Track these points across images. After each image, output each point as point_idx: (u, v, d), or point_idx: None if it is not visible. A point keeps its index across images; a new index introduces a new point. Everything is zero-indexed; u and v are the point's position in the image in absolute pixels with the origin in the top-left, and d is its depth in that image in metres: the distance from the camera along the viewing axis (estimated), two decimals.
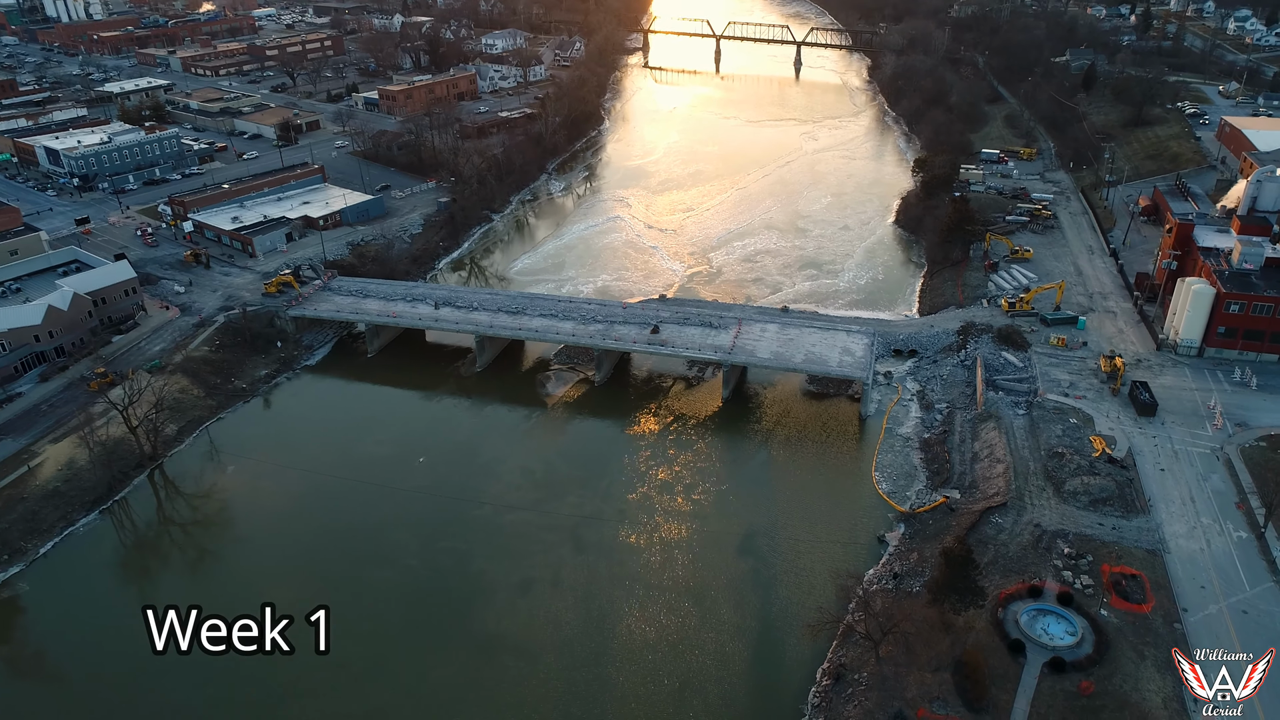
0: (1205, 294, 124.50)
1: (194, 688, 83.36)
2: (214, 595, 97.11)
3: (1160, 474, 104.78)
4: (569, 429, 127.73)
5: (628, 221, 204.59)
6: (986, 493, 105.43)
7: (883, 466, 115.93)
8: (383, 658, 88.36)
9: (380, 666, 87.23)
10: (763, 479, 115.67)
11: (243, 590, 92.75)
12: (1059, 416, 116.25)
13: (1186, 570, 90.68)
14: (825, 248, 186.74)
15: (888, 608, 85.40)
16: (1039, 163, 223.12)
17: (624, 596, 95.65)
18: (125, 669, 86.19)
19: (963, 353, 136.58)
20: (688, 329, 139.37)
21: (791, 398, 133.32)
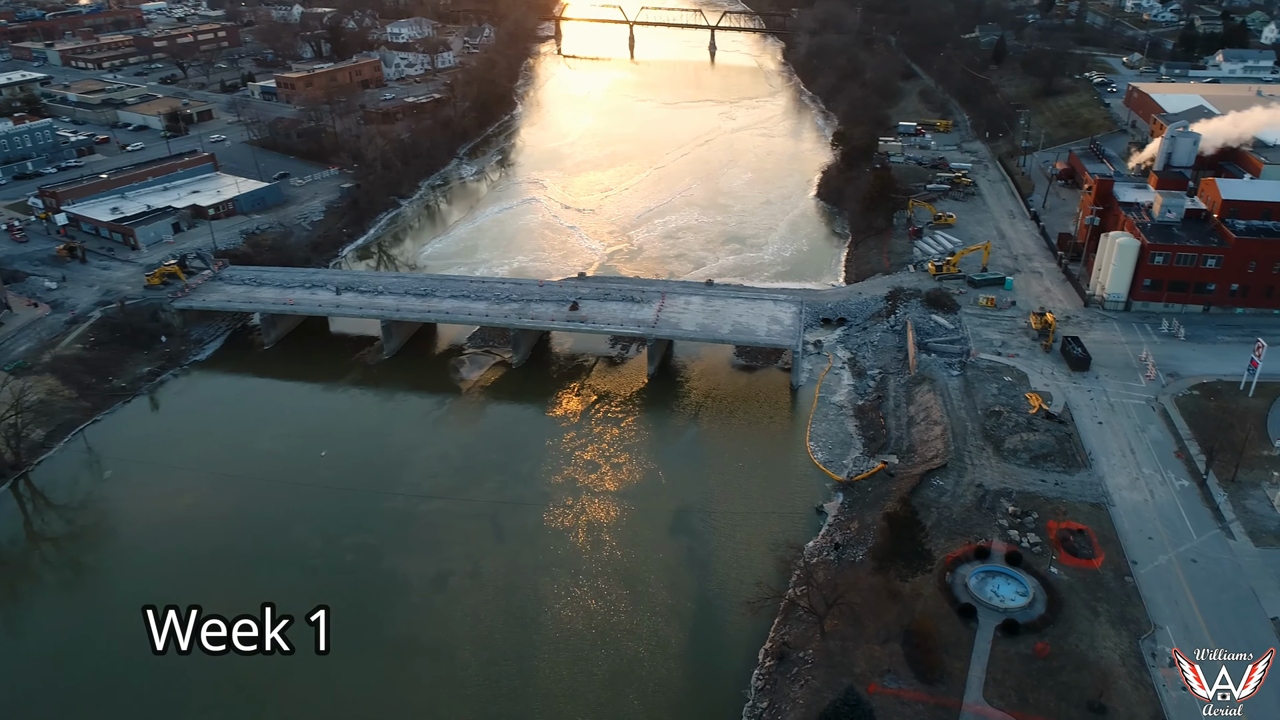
0: (1130, 247, 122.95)
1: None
2: (91, 611, 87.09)
3: (1098, 427, 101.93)
4: (486, 414, 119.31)
5: (544, 203, 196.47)
6: (925, 456, 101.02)
7: (817, 436, 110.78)
8: (281, 669, 78.72)
9: (278, 679, 77.75)
10: (694, 455, 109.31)
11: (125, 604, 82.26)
12: (993, 375, 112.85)
13: (1133, 522, 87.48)
14: (748, 222, 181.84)
15: (831, 579, 79.75)
16: (955, 134, 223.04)
17: (549, 585, 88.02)
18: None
19: (892, 318, 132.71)
20: (609, 304, 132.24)
21: (720, 371, 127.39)
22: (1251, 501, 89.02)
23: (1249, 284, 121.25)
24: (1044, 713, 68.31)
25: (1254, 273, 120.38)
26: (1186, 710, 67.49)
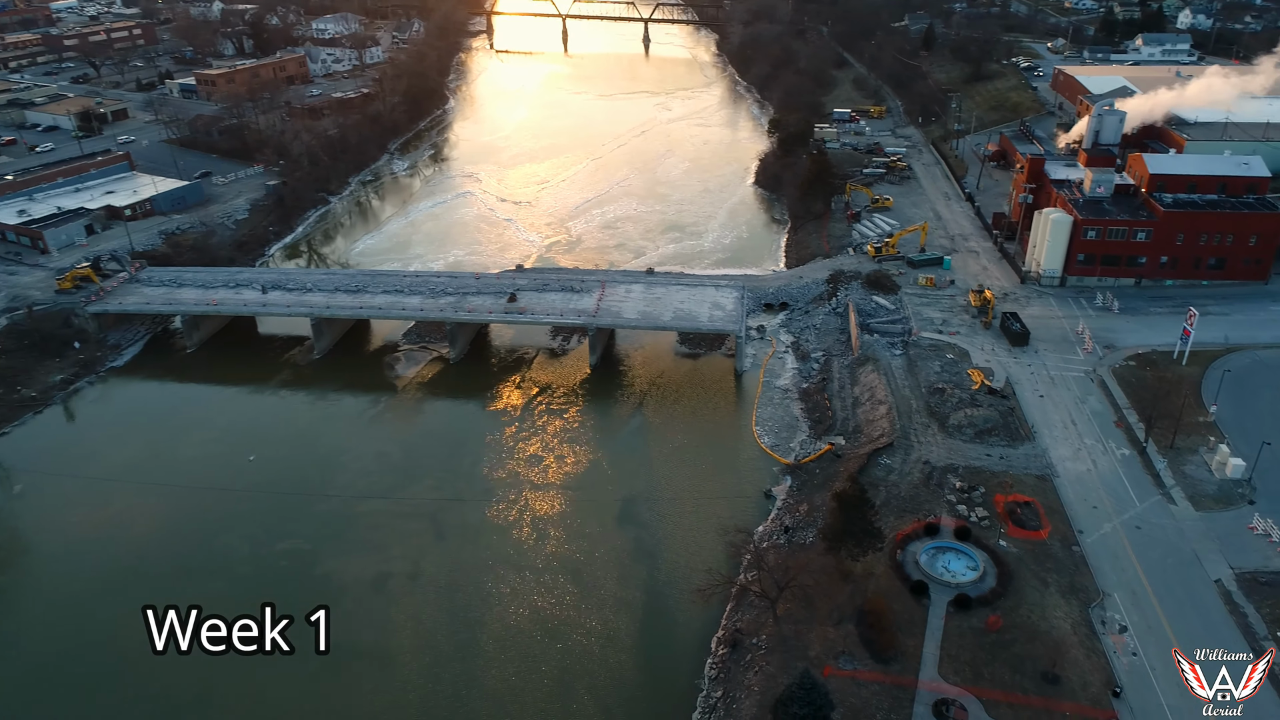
0: (1063, 222, 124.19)
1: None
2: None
3: (1040, 400, 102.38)
4: (424, 411, 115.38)
5: (478, 196, 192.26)
6: (871, 435, 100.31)
7: (763, 420, 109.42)
8: (208, 682, 74.47)
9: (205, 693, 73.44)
10: (639, 444, 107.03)
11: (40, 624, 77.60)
12: (935, 353, 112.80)
13: (1077, 492, 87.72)
14: (687, 211, 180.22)
15: (782, 562, 78.24)
16: (889, 120, 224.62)
17: (493, 582, 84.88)
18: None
19: (834, 301, 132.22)
20: (548, 295, 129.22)
21: (664, 359, 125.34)
22: (1190, 467, 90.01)
23: (1177, 256, 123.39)
24: (999, 686, 67.61)
25: (1182, 245, 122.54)
26: (1137, 675, 68.01)
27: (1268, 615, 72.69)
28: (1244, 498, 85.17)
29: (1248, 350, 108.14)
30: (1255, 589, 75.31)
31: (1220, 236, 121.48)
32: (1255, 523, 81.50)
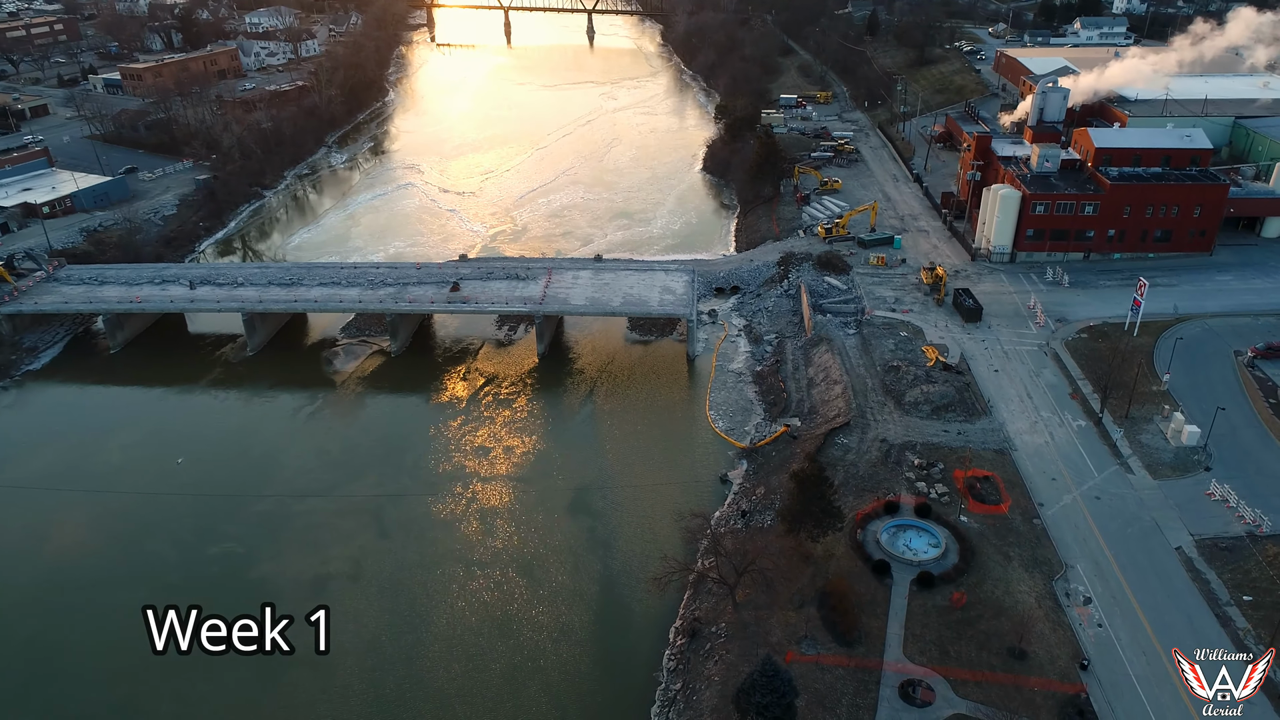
0: (1012, 197, 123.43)
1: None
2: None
3: (995, 375, 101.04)
4: (365, 405, 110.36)
5: (420, 187, 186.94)
6: (827, 415, 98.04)
7: (717, 405, 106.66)
8: (133, 698, 69.43)
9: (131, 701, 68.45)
10: (590, 432, 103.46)
11: None
12: (889, 331, 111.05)
13: (1035, 465, 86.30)
14: (635, 198, 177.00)
15: (740, 547, 75.12)
16: (835, 105, 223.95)
17: (439, 580, 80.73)
18: None
19: (785, 283, 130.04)
20: (492, 283, 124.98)
21: (614, 346, 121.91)
22: (1146, 436, 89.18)
23: (1124, 229, 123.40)
24: (965, 664, 65.48)
25: (1129, 218, 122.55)
26: (1104, 647, 66.44)
27: (1229, 581, 71.74)
28: (1200, 464, 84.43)
29: (1197, 320, 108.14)
30: (1216, 555, 74.37)
31: (1166, 208, 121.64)
32: (1213, 489, 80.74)
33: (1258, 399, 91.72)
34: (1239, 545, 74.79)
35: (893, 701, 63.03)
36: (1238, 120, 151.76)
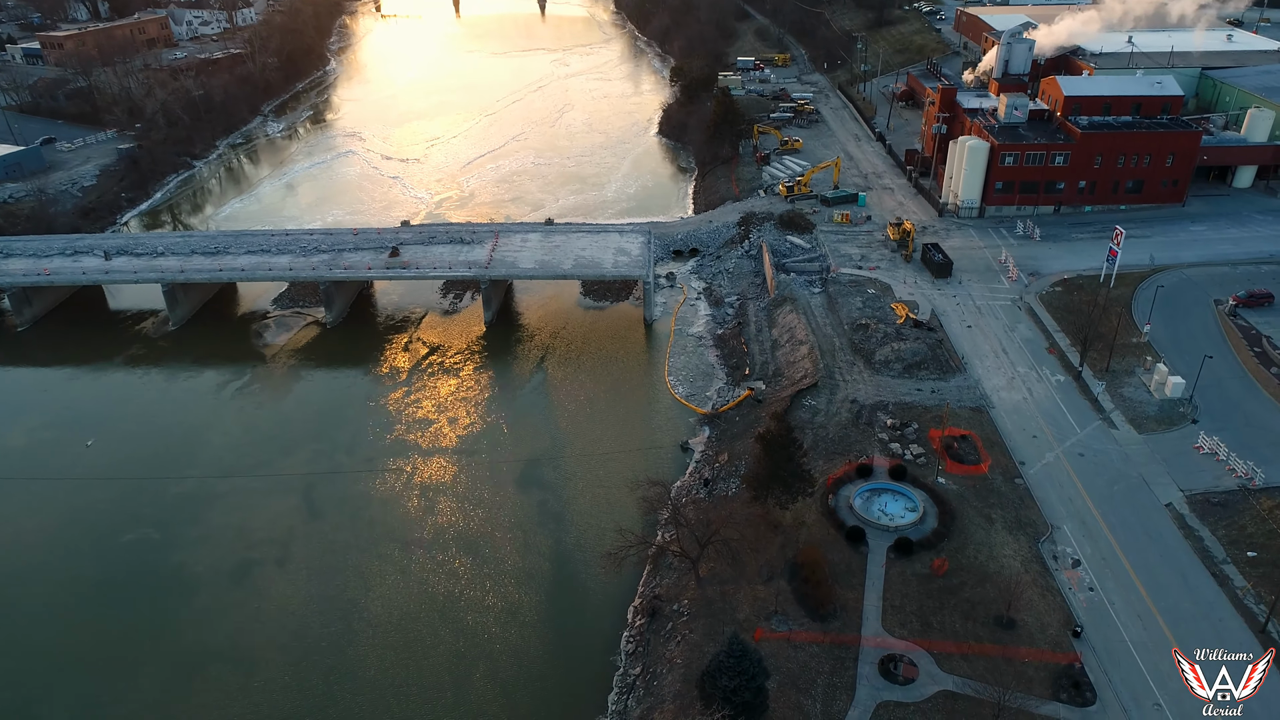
0: (980, 149, 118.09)
1: None
2: None
3: (968, 331, 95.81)
4: (298, 379, 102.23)
5: (362, 155, 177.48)
6: (793, 377, 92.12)
7: (676, 370, 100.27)
8: (34, 700, 61.61)
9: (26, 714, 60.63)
10: (541, 402, 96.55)
11: None
12: (856, 289, 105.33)
13: (1015, 422, 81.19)
14: (588, 163, 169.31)
15: (703, 517, 69.04)
16: (794, 68, 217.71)
17: (375, 563, 73.61)
18: None
19: (746, 243, 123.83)
20: (435, 248, 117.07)
21: (568, 311, 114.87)
22: (1128, 389, 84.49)
23: (1096, 180, 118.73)
24: (950, 636, 60.06)
25: (1100, 168, 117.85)
26: (1097, 612, 61.48)
27: (1224, 538, 67.18)
28: (1186, 417, 79.84)
29: (1174, 270, 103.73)
30: (1208, 511, 69.77)
31: (1138, 158, 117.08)
32: (1201, 442, 76.16)
33: (1241, 348, 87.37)
34: (1232, 500, 70.23)
35: (872, 679, 57.39)
36: (1205, 71, 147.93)
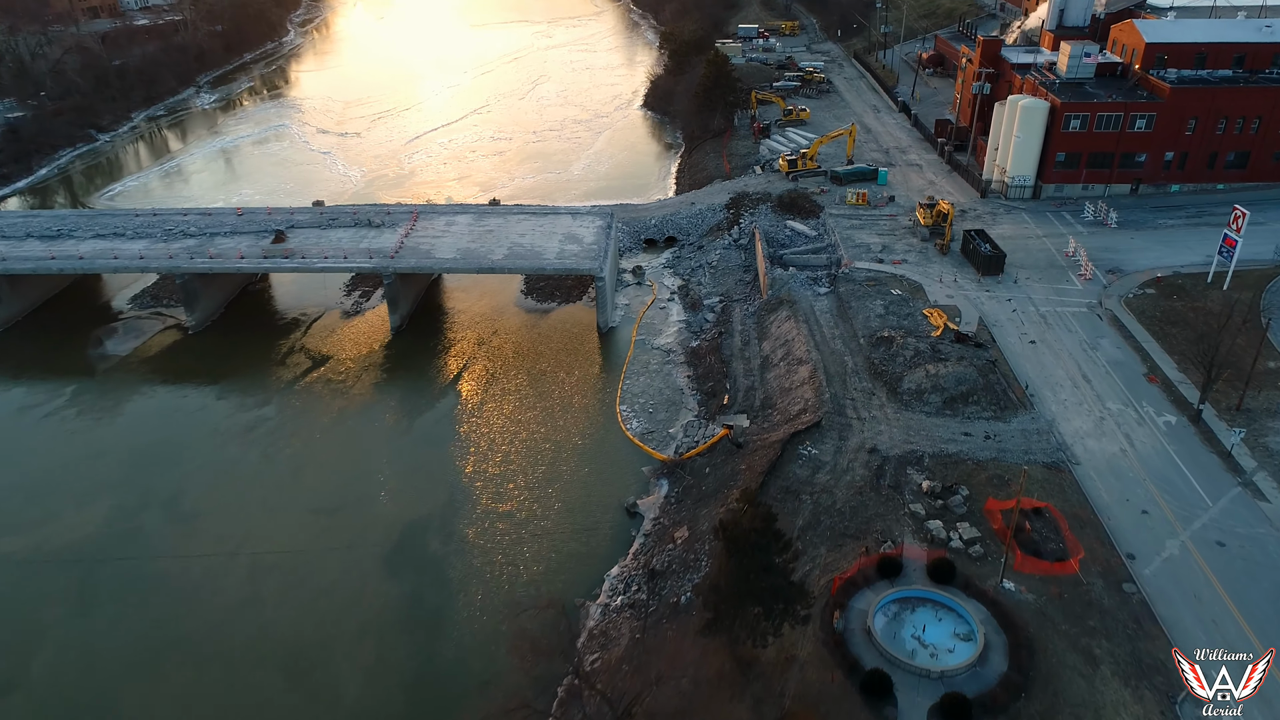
0: (1037, 110, 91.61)
1: None
2: None
3: (1032, 349, 69.47)
4: (128, 402, 76.64)
5: (295, 129, 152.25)
6: (788, 411, 66.04)
7: (633, 396, 74.40)
8: None
9: None
10: (445, 437, 70.68)
11: None
12: (876, 289, 79.03)
13: (1112, 488, 54.89)
14: (555, 138, 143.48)
15: (632, 655, 43.06)
16: (803, 37, 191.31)
17: (149, 682, 47.93)
18: None
19: (735, 230, 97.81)
20: (334, 233, 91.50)
21: (502, 315, 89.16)
22: (1277, 438, 58.02)
23: (1188, 151, 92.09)
24: None
25: (1193, 136, 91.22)
26: None
27: None
28: None
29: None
30: None
31: (1243, 122, 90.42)
32: None
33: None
34: None
35: None
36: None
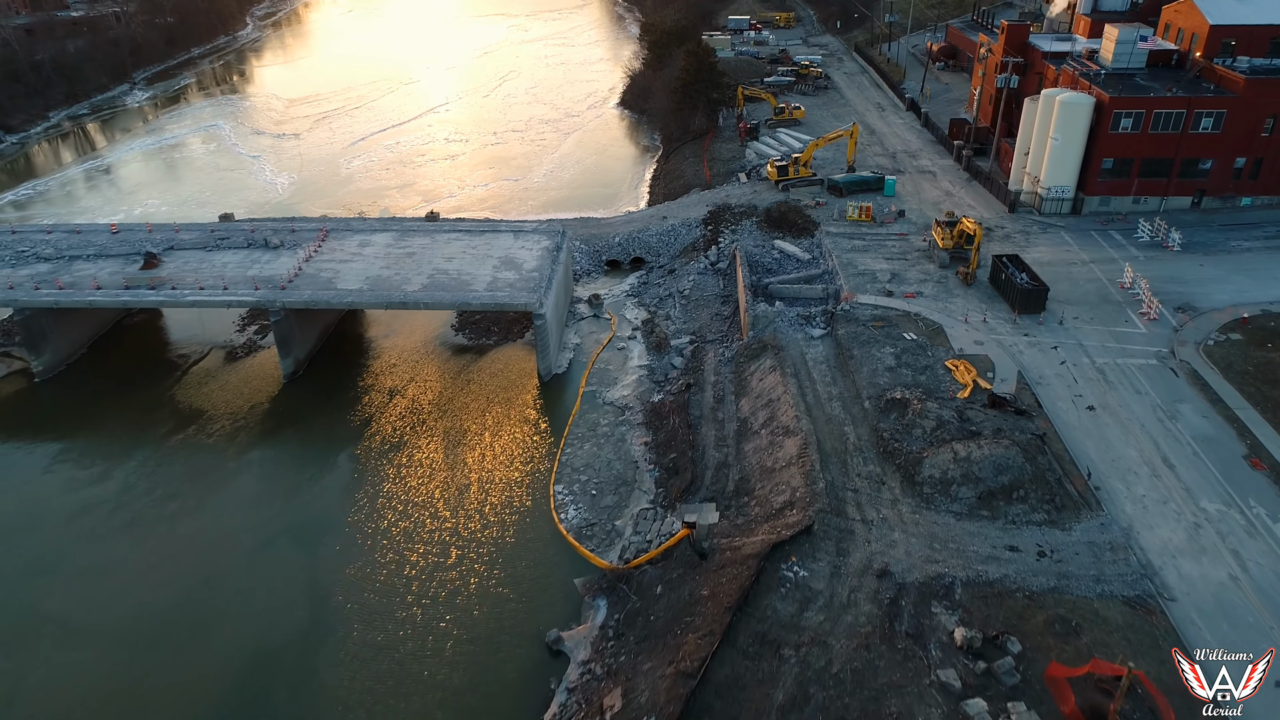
0: (1081, 106, 75.04)
1: None
2: None
3: (1091, 417, 52.86)
4: None
5: (228, 130, 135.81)
6: (770, 504, 49.42)
7: (573, 470, 57.93)
8: None
9: None
10: (324, 527, 54.00)
11: None
12: (885, 333, 62.40)
13: (1225, 637, 38.28)
14: (517, 140, 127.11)
15: None
16: (799, 30, 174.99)
17: None
18: None
19: (713, 250, 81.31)
20: (221, 255, 74.95)
21: (424, 356, 72.68)
22: None
23: (1263, 156, 75.56)
24: None
25: (1271, 138, 74.71)
26: None
27: None
28: None
29: None
30: None
31: None
32: None
33: None
34: None
35: None
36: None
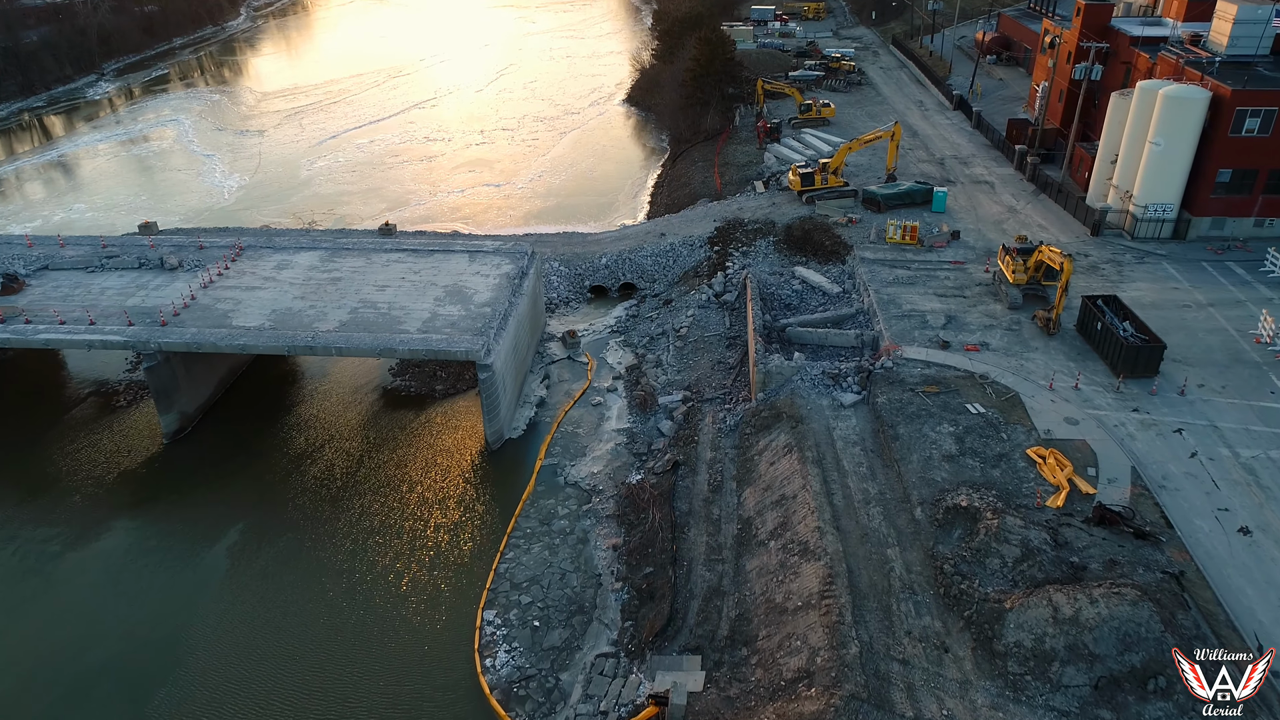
0: (1192, 103, 58.64)
1: None
2: None
3: (1246, 544, 36.59)
4: None
5: (187, 126, 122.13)
6: (778, 670, 33.68)
7: (512, 590, 42.78)
8: None
9: None
10: (164, 672, 39.05)
11: None
12: (941, 402, 46.27)
13: None
14: (505, 141, 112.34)
15: None
16: (829, 21, 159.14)
17: None
18: None
19: (720, 278, 65.66)
20: (104, 278, 60.40)
21: (352, 408, 57.74)
22: None
23: None
24: None
25: None
26: None
27: None
28: None
29: None
30: None
31: None
32: None
33: None
34: None
35: None
36: None
